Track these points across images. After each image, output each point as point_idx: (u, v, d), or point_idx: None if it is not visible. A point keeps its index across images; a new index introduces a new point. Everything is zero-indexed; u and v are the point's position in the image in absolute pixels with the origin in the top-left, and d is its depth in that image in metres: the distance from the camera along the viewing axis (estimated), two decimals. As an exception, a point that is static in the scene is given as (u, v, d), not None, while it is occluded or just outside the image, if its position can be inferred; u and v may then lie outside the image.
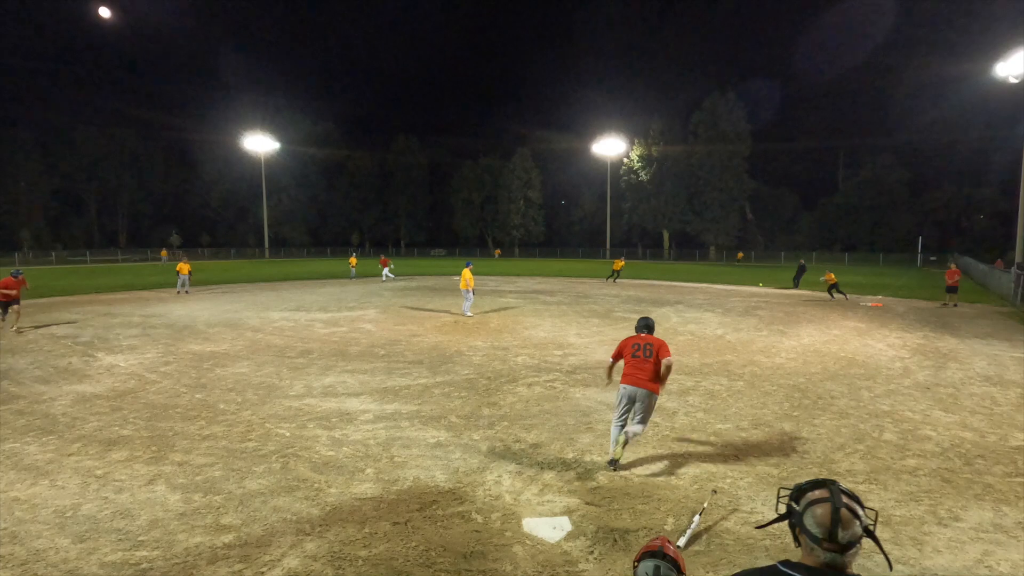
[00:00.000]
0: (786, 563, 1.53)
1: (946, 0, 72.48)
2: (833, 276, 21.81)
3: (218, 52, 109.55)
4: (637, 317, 6.04)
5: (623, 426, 5.44)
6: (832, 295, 21.57)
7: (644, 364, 5.39)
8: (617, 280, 29.83)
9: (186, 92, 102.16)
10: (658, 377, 5.35)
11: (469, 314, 16.04)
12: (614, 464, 5.39)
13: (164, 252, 53.73)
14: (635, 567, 1.85)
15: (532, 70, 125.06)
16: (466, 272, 16.07)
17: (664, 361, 5.33)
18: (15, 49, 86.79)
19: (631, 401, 5.41)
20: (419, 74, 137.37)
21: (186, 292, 22.29)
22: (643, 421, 5.40)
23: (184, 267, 22.77)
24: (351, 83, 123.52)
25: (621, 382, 5.51)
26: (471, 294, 16.03)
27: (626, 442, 5.31)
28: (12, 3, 78.61)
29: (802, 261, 28.54)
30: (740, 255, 59.76)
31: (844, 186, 67.17)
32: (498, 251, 70.72)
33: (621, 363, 5.64)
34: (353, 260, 32.02)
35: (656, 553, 1.83)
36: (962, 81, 51.49)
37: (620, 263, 30.43)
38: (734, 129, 60.88)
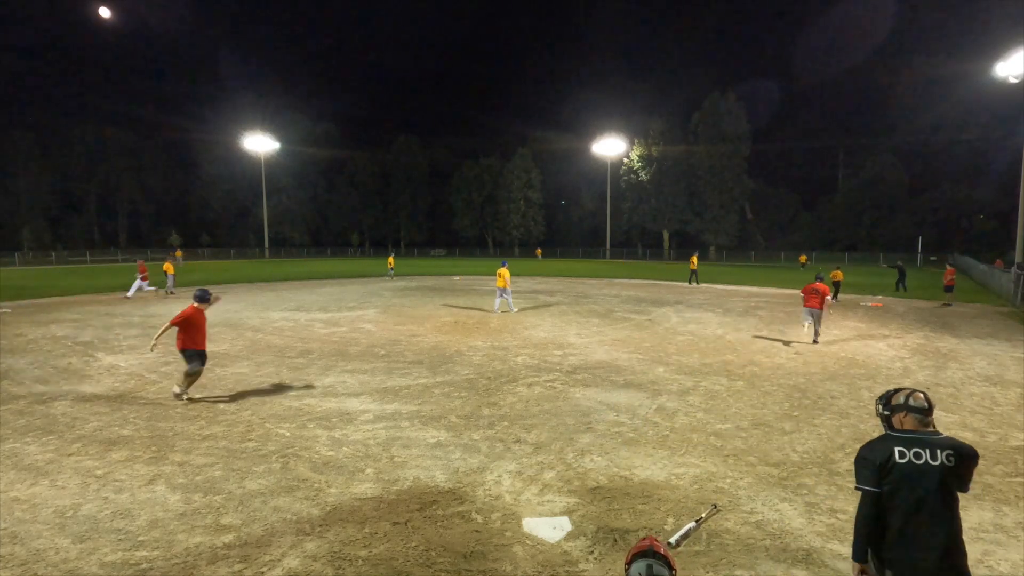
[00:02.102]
0: (892, 430, 2.51)
1: (946, 0, 72.50)
2: (840, 274, 21.71)
3: (218, 52, 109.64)
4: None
5: (807, 324, 12.19)
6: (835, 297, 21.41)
7: (813, 296, 11.82)
8: (697, 283, 28.16)
9: (186, 92, 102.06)
10: (822, 303, 11.78)
11: (515, 310, 16.75)
12: (806, 325, 12.35)
13: (179, 252, 53.50)
14: (627, 569, 1.84)
15: (532, 70, 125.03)
16: (504, 271, 16.41)
17: (826, 298, 11.90)
18: (15, 49, 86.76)
19: (809, 315, 11.93)
20: (419, 74, 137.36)
21: (171, 293, 22.14)
22: (818, 323, 11.98)
23: (169, 267, 23.31)
24: (351, 83, 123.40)
25: (804, 306, 12.09)
26: (506, 292, 16.50)
27: (816, 337, 11.98)
28: (12, 3, 78.51)
29: (899, 263, 27.33)
30: (803, 258, 51.80)
31: (844, 186, 67.12)
32: (539, 251, 69.39)
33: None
34: (391, 261, 32.73)
35: (647, 552, 1.83)
36: (962, 81, 51.52)
37: (695, 260, 29.20)
38: (734, 129, 60.75)
